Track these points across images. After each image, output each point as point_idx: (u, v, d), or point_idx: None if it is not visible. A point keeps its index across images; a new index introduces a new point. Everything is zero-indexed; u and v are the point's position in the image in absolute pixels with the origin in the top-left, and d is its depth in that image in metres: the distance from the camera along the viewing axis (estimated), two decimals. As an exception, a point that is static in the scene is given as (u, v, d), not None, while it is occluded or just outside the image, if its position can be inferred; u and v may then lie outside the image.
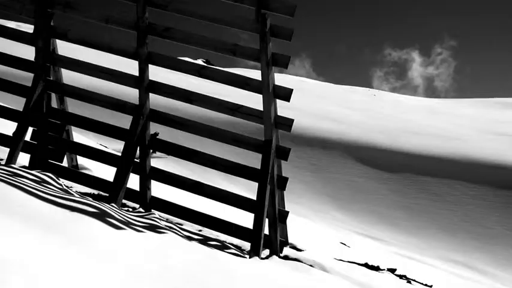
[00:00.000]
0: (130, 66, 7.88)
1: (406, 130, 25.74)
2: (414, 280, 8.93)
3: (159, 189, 7.80)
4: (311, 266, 6.84)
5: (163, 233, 5.42)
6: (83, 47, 7.46)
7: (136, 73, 6.95)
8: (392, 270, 8.91)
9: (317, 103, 33.88)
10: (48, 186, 6.17)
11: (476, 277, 13.46)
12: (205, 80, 7.16)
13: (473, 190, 18.77)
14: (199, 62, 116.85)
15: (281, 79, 55.72)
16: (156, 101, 8.93)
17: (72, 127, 7.83)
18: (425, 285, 9.01)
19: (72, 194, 6.03)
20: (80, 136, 11.97)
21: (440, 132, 25.76)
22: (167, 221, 6.89)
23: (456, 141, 23.84)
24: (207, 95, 7.05)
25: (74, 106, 8.38)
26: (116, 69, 7.33)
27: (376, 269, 8.51)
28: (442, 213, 17.65)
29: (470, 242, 15.99)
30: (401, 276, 8.76)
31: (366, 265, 8.51)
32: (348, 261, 8.45)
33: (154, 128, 7.61)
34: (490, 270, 14.41)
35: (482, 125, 30.40)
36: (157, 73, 17.28)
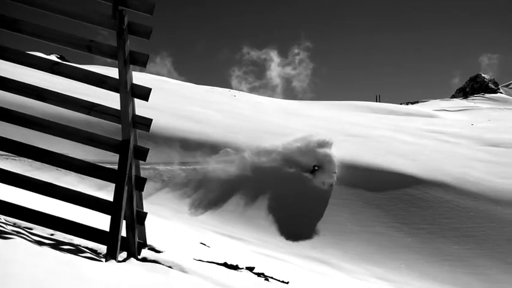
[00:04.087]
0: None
1: (265, 131, 26.40)
2: (272, 277, 9.15)
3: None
4: (170, 267, 6.77)
5: (9, 238, 5.05)
6: None
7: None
8: (250, 269, 9.07)
9: (178, 103, 33.67)
10: None
11: (330, 272, 14.10)
12: (63, 77, 6.72)
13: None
14: (53, 57, 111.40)
15: (142, 78, 54.85)
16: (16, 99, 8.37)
17: None
18: (283, 281, 9.26)
19: None
20: None
21: (297, 133, 26.74)
22: (14, 225, 6.46)
23: (312, 142, 24.80)
24: (61, 92, 6.68)
25: None
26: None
27: (235, 268, 8.62)
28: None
29: (326, 239, 16.71)
30: (259, 274, 8.94)
31: (225, 264, 8.59)
32: (208, 261, 8.48)
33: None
34: (343, 265, 15.15)
35: (336, 127, 31.98)
36: (13, 70, 16.24)
